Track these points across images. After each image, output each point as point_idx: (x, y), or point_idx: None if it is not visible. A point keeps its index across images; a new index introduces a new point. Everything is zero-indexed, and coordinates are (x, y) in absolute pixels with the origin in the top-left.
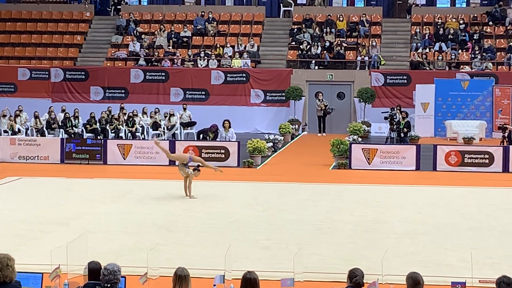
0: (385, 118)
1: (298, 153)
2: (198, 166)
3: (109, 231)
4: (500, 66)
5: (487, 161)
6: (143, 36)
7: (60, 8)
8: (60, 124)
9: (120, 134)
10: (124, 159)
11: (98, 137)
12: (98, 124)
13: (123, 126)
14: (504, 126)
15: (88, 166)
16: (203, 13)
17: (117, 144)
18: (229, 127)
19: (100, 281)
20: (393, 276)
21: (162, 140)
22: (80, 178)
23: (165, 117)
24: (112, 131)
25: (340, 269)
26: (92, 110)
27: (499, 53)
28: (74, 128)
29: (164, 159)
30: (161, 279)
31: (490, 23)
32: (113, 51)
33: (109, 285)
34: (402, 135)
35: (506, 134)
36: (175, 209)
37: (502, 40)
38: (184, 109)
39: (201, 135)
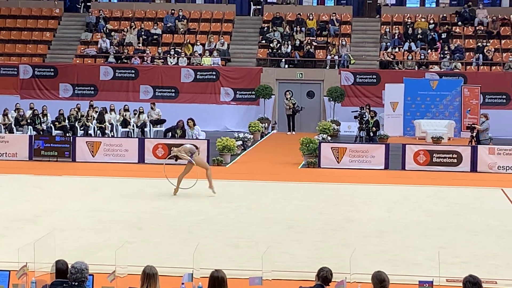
0: (355, 117)
1: (268, 151)
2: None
3: (77, 228)
4: (468, 66)
5: (455, 160)
6: (112, 33)
7: (30, 4)
8: (28, 121)
9: (89, 132)
10: (93, 157)
11: (67, 135)
12: (67, 121)
13: (92, 124)
14: (473, 126)
15: (57, 163)
16: (173, 11)
17: (86, 142)
18: (194, 125)
19: (67, 279)
20: (361, 275)
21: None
22: (48, 175)
23: (135, 114)
24: (81, 128)
25: (309, 268)
26: (61, 107)
27: (468, 53)
28: (42, 125)
29: (133, 157)
30: (130, 277)
31: (459, 23)
32: (82, 48)
33: (76, 283)
34: (371, 134)
35: (474, 134)
36: (144, 207)
37: (471, 40)
38: (152, 108)
39: (169, 133)
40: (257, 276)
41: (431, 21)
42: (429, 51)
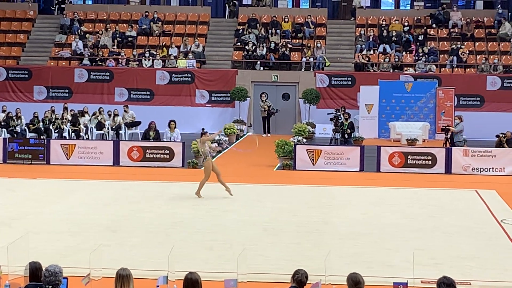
0: (331, 119)
1: (243, 154)
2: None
3: (52, 231)
4: (443, 68)
5: (430, 162)
6: (87, 35)
7: (3, 6)
8: (2, 123)
9: (64, 134)
10: (68, 159)
11: (41, 137)
12: (41, 123)
13: (67, 126)
14: (447, 127)
15: (31, 166)
16: (147, 13)
17: (61, 144)
18: (175, 127)
19: (41, 282)
20: (336, 277)
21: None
22: (22, 178)
23: (109, 116)
24: (56, 131)
25: (284, 270)
26: (36, 110)
27: (442, 55)
28: (16, 128)
29: (108, 159)
30: (104, 280)
31: (434, 25)
32: (57, 51)
33: (50, 287)
34: (346, 136)
35: (448, 136)
36: (119, 209)
37: (445, 42)
38: (125, 111)
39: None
40: (232, 278)
41: (406, 24)
42: (403, 53)
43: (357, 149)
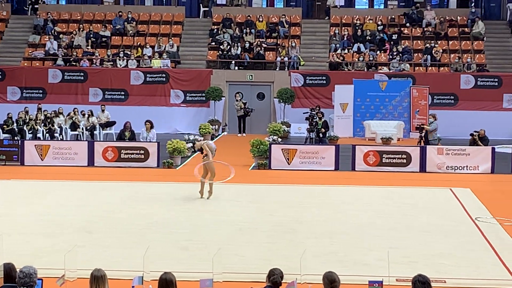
0: (306, 118)
1: (218, 153)
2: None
3: (26, 233)
4: (417, 67)
5: (404, 161)
6: (61, 35)
7: None
8: None
9: (38, 135)
10: (42, 160)
11: (15, 138)
12: (15, 124)
13: (41, 127)
14: (421, 126)
15: (5, 167)
16: (120, 13)
17: (35, 145)
18: (151, 127)
19: (15, 284)
20: (312, 276)
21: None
22: None
23: (83, 116)
24: (30, 132)
25: (260, 269)
26: (9, 111)
27: (416, 54)
28: None
29: (83, 160)
30: (79, 281)
31: (408, 24)
32: (30, 51)
33: None
34: (320, 135)
35: (423, 134)
36: (94, 210)
37: (419, 41)
38: (102, 110)
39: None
40: (207, 278)
41: (380, 23)
42: (378, 52)
43: (332, 148)
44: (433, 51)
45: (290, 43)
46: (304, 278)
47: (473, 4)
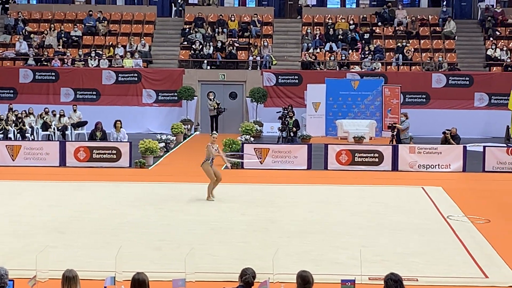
0: (279, 118)
1: (191, 153)
2: (212, 159)
3: None
4: (389, 66)
5: (376, 160)
6: (32, 35)
7: None
8: None
9: (9, 135)
10: (13, 160)
11: None
12: None
13: (12, 127)
14: (393, 125)
15: None
16: (91, 12)
17: (6, 145)
18: (121, 127)
19: None
20: (284, 275)
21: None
22: None
23: (54, 116)
24: (0, 132)
25: (232, 269)
26: None
27: (388, 53)
28: None
29: (54, 160)
30: (51, 282)
31: (379, 23)
32: (1, 51)
33: None
34: (291, 134)
35: (395, 133)
36: (66, 210)
37: (391, 40)
38: (74, 110)
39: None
40: (180, 278)
41: (352, 22)
42: (350, 51)
43: (305, 147)
44: (405, 50)
45: (262, 42)
46: (276, 278)
47: (444, 3)
